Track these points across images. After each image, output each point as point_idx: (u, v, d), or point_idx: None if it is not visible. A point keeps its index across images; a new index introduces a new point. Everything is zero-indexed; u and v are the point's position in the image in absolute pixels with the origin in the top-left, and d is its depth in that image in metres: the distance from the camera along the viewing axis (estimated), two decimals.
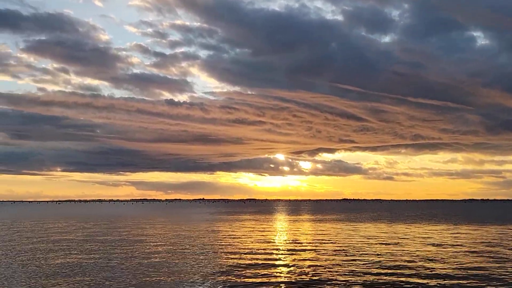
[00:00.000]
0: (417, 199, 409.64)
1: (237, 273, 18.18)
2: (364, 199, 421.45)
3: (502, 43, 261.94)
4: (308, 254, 23.93)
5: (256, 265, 20.25)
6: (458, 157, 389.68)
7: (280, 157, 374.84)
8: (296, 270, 18.95)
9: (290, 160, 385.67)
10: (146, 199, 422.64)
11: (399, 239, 31.90)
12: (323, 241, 30.53)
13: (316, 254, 23.86)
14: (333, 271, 18.50)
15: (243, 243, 29.37)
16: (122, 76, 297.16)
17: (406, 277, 17.27)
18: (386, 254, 23.63)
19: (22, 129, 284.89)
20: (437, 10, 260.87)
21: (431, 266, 19.78)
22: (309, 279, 17.03)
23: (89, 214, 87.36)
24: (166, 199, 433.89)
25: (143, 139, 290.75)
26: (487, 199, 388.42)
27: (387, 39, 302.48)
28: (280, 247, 27.26)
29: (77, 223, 53.51)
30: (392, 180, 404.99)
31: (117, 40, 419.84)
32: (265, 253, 24.35)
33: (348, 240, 31.10)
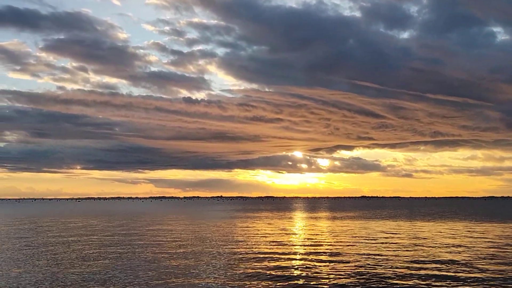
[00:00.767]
0: (437, 196, 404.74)
1: (256, 275, 18.00)
2: (383, 196, 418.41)
3: None
4: (330, 257, 23.63)
5: (275, 268, 20.04)
6: (478, 154, 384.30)
7: (298, 155, 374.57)
8: (316, 274, 18.68)
9: (308, 158, 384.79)
10: (165, 197, 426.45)
11: (420, 239, 31.37)
12: (344, 242, 30.18)
13: (337, 257, 23.56)
14: (356, 273, 18.21)
15: (261, 243, 29.20)
16: (140, 74, 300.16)
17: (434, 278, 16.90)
18: (411, 255, 23.22)
19: (42, 128, 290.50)
20: (456, 6, 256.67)
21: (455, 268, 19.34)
22: (330, 282, 16.77)
23: (110, 211, 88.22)
24: (185, 197, 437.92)
25: (161, 137, 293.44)
26: (508, 196, 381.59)
27: (406, 35, 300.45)
28: (299, 249, 27.02)
29: (100, 222, 54.03)
30: (411, 177, 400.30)
31: (135, 39, 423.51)
32: (284, 255, 24.13)
33: (371, 240, 30.71)
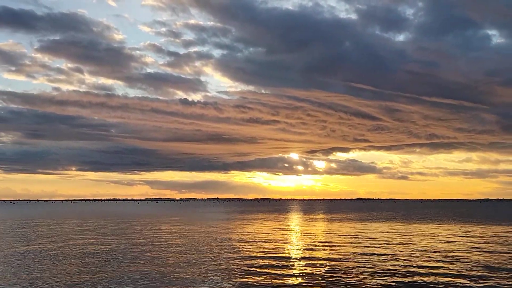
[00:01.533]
0: (432, 199, 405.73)
1: (249, 277, 18.03)
2: (379, 199, 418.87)
3: None
4: (324, 255, 23.70)
5: (269, 266, 20.08)
6: (473, 157, 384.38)
7: (294, 157, 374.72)
8: (311, 274, 18.73)
9: (304, 160, 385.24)
10: (161, 198, 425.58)
11: (413, 238, 31.49)
12: (339, 244, 30.26)
13: (330, 256, 23.63)
14: (351, 273, 18.27)
15: (256, 244, 29.24)
16: (136, 76, 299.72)
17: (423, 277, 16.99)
18: (403, 255, 23.31)
19: (37, 129, 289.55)
20: (452, 8, 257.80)
21: (445, 266, 19.44)
22: (326, 282, 16.83)
23: (105, 213, 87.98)
24: (181, 198, 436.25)
25: (157, 139, 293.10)
26: (503, 199, 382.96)
27: (402, 38, 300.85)
28: (296, 251, 27.06)
29: (94, 222, 53.91)
30: (407, 180, 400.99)
31: (131, 40, 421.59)
32: (279, 256, 24.16)
33: (367, 240, 30.80)
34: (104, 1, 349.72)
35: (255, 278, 16.71)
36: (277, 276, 17.12)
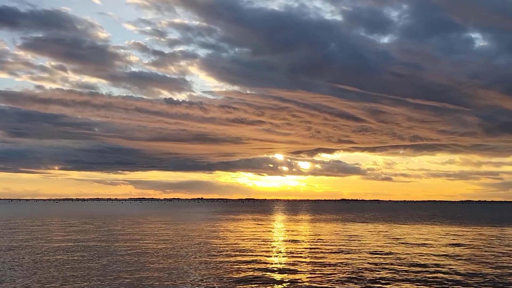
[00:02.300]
0: (415, 200, 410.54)
1: (234, 278, 18.20)
2: (363, 200, 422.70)
3: (501, 45, 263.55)
4: (307, 256, 23.96)
5: (253, 269, 20.27)
6: (456, 159, 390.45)
7: (279, 157, 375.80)
8: (295, 273, 18.97)
9: (289, 160, 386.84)
10: (145, 198, 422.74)
11: (396, 240, 31.96)
12: (322, 243, 30.58)
13: (315, 255, 23.91)
14: (333, 273, 18.55)
15: (240, 244, 29.40)
16: (121, 75, 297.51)
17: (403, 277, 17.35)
18: (383, 255, 23.71)
19: (20, 127, 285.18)
20: (436, 11, 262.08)
21: (423, 270, 19.86)
22: (309, 282, 17.08)
23: (87, 213, 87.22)
24: (165, 198, 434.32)
25: (142, 138, 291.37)
26: (485, 201, 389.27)
27: (386, 40, 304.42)
28: (278, 249, 27.29)
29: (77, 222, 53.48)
30: (391, 181, 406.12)
31: (116, 38, 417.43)
32: (263, 255, 24.37)
33: (346, 241, 31.17)
34: None
35: (233, 279, 16.92)
36: (261, 280, 17.33)
